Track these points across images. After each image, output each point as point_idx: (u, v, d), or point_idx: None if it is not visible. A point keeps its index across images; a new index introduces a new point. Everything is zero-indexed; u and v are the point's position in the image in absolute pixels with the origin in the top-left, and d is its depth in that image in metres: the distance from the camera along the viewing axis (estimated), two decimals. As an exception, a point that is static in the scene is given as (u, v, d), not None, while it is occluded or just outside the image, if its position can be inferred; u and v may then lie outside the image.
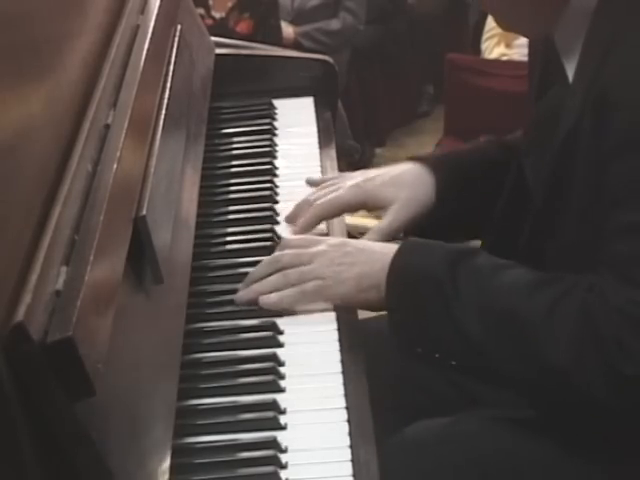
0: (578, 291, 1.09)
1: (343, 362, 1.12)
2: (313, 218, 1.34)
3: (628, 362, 1.03)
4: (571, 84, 1.17)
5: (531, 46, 1.37)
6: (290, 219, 1.38)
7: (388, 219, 1.34)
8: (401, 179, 1.37)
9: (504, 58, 3.75)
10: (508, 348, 1.11)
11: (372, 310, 1.23)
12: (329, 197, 1.35)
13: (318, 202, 1.35)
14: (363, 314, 1.24)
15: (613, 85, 1.08)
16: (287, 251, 1.23)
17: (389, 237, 1.34)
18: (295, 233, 1.34)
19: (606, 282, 1.07)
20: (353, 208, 1.38)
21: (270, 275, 1.22)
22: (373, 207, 1.38)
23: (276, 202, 1.44)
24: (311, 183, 1.46)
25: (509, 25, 1.28)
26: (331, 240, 1.25)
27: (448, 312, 1.13)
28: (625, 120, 1.06)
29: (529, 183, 1.26)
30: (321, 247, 1.22)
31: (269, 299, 1.19)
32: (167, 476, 0.91)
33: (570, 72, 1.19)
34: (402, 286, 1.17)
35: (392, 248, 1.19)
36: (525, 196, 1.26)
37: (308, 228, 1.34)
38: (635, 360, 1.03)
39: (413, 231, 1.35)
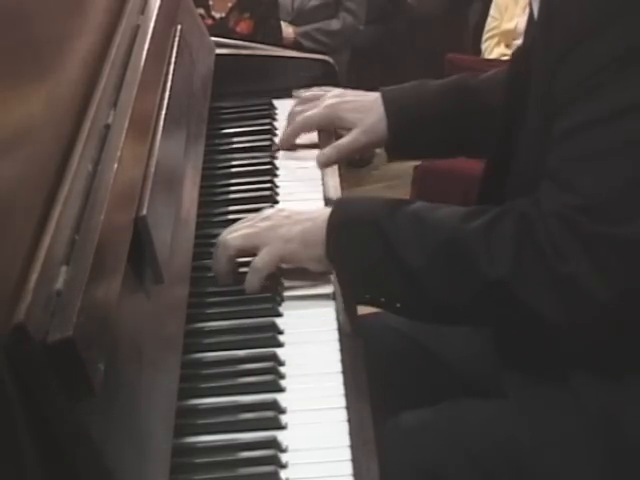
0: (515, 208, 1.12)
1: (343, 362, 1.12)
2: (290, 132, 1.56)
3: (563, 261, 1.06)
4: (536, 20, 1.20)
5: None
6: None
7: (348, 139, 1.49)
8: (368, 108, 1.49)
9: (504, 58, 3.75)
10: (451, 274, 1.13)
11: (323, 265, 1.23)
12: (305, 114, 1.53)
13: (296, 119, 1.54)
14: (362, 311, 1.25)
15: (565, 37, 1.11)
16: (231, 230, 1.26)
17: (345, 155, 1.51)
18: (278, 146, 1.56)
19: (541, 191, 1.11)
20: (323, 126, 1.54)
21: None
22: (339, 127, 1.53)
23: (276, 202, 1.44)
24: (297, 97, 1.65)
25: None
26: (269, 210, 1.30)
27: (388, 250, 1.15)
28: (564, 26, 1.10)
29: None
30: (261, 215, 1.26)
31: (246, 289, 1.22)
32: (167, 476, 0.91)
33: (535, 8, 1.21)
34: (342, 233, 1.20)
35: (329, 208, 1.23)
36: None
37: (289, 140, 1.56)
38: (570, 259, 1.05)
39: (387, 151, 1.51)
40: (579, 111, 1.09)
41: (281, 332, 1.17)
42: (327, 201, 1.42)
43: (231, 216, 1.40)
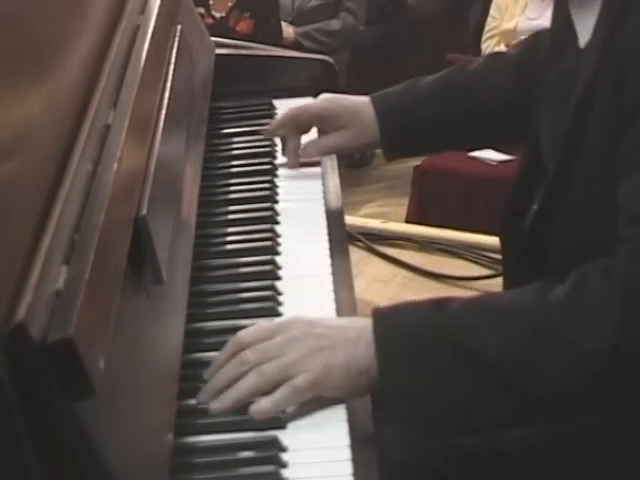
0: (597, 270, 1.01)
1: (343, 362, 1.12)
2: (285, 117, 1.53)
3: None
4: (584, 48, 1.17)
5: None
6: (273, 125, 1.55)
7: (335, 140, 1.51)
8: (361, 113, 1.50)
9: (504, 58, 3.75)
10: (546, 361, 0.98)
11: (357, 397, 1.05)
12: (302, 104, 1.53)
13: (290, 114, 1.53)
14: (362, 311, 1.24)
15: (632, 49, 1.06)
16: (250, 350, 1.04)
17: (325, 152, 1.52)
18: (268, 132, 1.56)
19: (633, 242, 1.01)
20: (318, 120, 1.53)
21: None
22: (333, 124, 1.51)
23: (276, 202, 1.44)
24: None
25: None
26: (294, 323, 1.07)
27: (460, 351, 0.99)
28: None
29: (543, 150, 1.27)
30: (287, 334, 1.04)
31: (262, 407, 1.01)
32: (167, 476, 0.91)
33: (581, 36, 1.18)
34: (397, 352, 1.01)
35: (365, 320, 1.05)
36: (540, 170, 1.26)
37: (279, 126, 1.54)
38: None
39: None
40: None
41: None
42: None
43: (231, 216, 1.40)
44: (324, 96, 1.55)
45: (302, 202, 1.43)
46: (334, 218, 1.41)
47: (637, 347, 0.97)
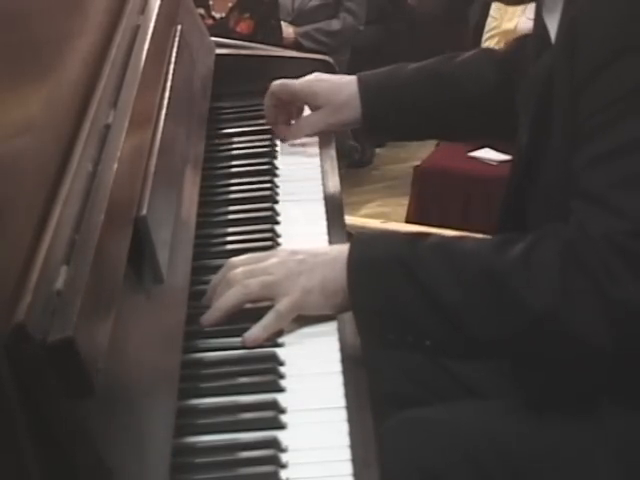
0: (554, 235, 1.09)
1: (343, 362, 1.12)
2: (268, 95, 1.57)
3: (617, 286, 1.04)
4: (554, 43, 1.20)
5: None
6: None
7: (316, 117, 1.54)
8: (339, 91, 1.52)
9: (504, 58, 3.75)
10: (490, 308, 1.09)
11: (343, 312, 1.17)
12: (282, 82, 1.55)
13: (271, 89, 1.56)
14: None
15: (581, 18, 1.11)
16: (239, 269, 1.18)
17: (306, 133, 1.57)
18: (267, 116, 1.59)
19: (584, 215, 1.08)
20: (297, 98, 1.56)
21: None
22: (312, 104, 1.55)
23: (276, 202, 1.44)
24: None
25: None
26: (280, 252, 1.23)
27: (418, 287, 1.11)
28: (592, 56, 1.10)
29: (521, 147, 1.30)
30: (273, 259, 1.18)
31: (251, 335, 1.13)
32: (167, 476, 0.91)
33: (552, 33, 1.21)
34: (365, 276, 1.15)
35: (344, 247, 1.18)
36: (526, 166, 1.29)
37: (267, 106, 1.58)
38: (623, 284, 1.03)
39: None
40: (614, 133, 1.08)
41: (281, 332, 1.17)
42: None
43: (231, 216, 1.40)
44: (308, 76, 1.56)
45: (302, 202, 1.43)
46: (334, 218, 1.41)
47: (568, 314, 1.05)
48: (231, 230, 1.37)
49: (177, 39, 1.40)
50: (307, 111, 1.60)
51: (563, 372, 1.16)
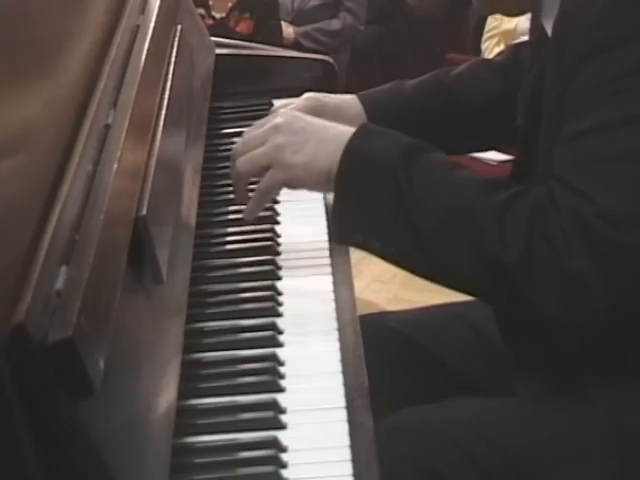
0: (530, 194, 1.12)
1: (343, 362, 1.12)
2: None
3: (572, 258, 1.06)
4: (550, 37, 1.21)
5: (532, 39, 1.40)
6: None
7: None
8: (345, 110, 1.49)
9: (504, 58, 3.75)
10: (458, 243, 1.12)
11: (322, 191, 1.28)
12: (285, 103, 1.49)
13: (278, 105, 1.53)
14: (362, 311, 1.24)
15: (571, 11, 1.13)
16: (240, 140, 1.29)
17: None
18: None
19: (554, 190, 1.11)
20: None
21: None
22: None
23: (276, 202, 1.44)
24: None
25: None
26: (284, 114, 1.27)
27: (400, 199, 1.14)
28: (582, 35, 1.11)
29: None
30: (272, 122, 1.25)
31: (246, 209, 1.29)
32: (167, 476, 0.91)
33: (548, 28, 1.22)
34: (355, 166, 1.18)
35: (344, 128, 1.22)
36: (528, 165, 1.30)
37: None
38: (580, 257, 1.06)
39: None
40: (591, 115, 1.10)
41: (281, 332, 1.17)
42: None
43: (231, 216, 1.40)
44: (307, 95, 1.53)
45: (302, 202, 1.43)
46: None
47: (524, 274, 1.08)
48: (231, 230, 1.38)
49: (177, 39, 1.40)
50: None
51: (542, 348, 1.18)
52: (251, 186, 1.33)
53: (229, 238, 1.36)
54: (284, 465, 0.97)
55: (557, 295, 1.07)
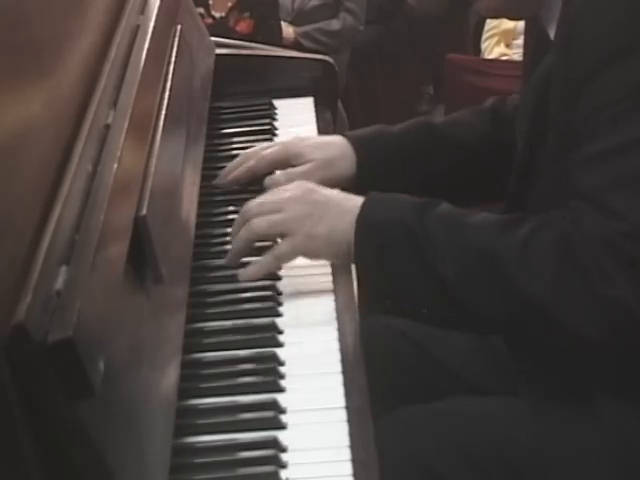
0: (552, 224, 1.11)
1: (343, 362, 1.12)
2: (243, 170, 1.44)
3: (608, 285, 1.05)
4: (553, 41, 1.20)
5: (526, 37, 1.39)
6: (224, 174, 1.45)
7: (301, 168, 1.41)
8: (327, 146, 1.44)
9: (504, 58, 3.75)
10: (485, 286, 1.11)
11: (343, 262, 1.23)
12: (260, 153, 1.44)
13: (249, 157, 1.44)
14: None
15: (577, 18, 1.11)
16: (254, 202, 1.25)
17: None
18: (227, 183, 1.45)
19: (582, 212, 1.09)
20: (279, 163, 1.44)
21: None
22: (294, 160, 1.43)
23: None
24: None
25: (496, 7, 1.29)
26: (299, 187, 1.25)
27: (420, 256, 1.14)
28: (590, 57, 1.10)
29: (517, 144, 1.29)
30: (288, 194, 1.23)
31: (247, 273, 1.21)
32: (167, 476, 0.91)
33: (551, 31, 1.22)
34: (371, 237, 1.18)
35: (358, 200, 1.20)
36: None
37: (238, 180, 1.44)
38: (615, 283, 1.04)
39: None
40: (612, 134, 1.08)
41: (281, 332, 1.17)
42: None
43: (231, 216, 1.40)
44: (286, 139, 1.49)
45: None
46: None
47: (558, 306, 1.07)
48: (231, 230, 1.37)
49: (177, 39, 1.40)
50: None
51: (557, 363, 1.17)
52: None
53: (229, 238, 1.36)
54: (284, 465, 0.97)
55: (595, 321, 1.06)
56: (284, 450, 0.99)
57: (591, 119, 1.10)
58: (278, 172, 1.42)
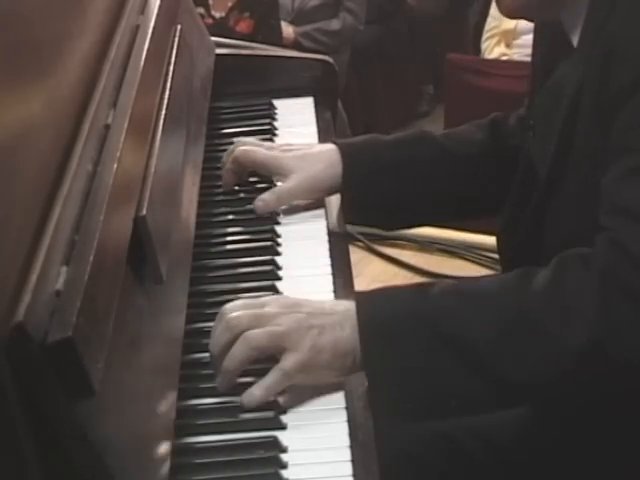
0: (578, 263, 1.02)
1: (343, 362, 1.12)
2: (226, 173, 1.42)
3: None
4: (577, 46, 1.16)
5: (536, 37, 1.36)
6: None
7: (288, 185, 1.38)
8: (313, 156, 1.39)
9: (504, 58, 3.76)
10: (523, 349, 1.00)
11: (346, 376, 1.07)
12: (246, 150, 1.40)
13: (234, 154, 1.40)
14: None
15: (619, 38, 1.06)
16: (241, 312, 1.05)
17: (286, 201, 1.39)
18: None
19: (623, 232, 1.00)
20: (259, 168, 1.42)
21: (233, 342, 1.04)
22: (277, 174, 1.40)
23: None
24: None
25: (517, 8, 1.22)
26: (281, 300, 1.10)
27: (441, 337, 1.01)
28: (632, 70, 1.04)
29: (533, 158, 1.24)
30: (275, 310, 1.06)
31: (252, 395, 1.03)
32: (167, 476, 0.91)
33: (572, 35, 1.18)
34: (379, 340, 1.04)
35: (350, 306, 1.06)
36: (533, 176, 1.23)
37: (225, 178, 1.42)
38: None
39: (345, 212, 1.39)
40: None
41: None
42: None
43: (231, 216, 1.40)
44: (273, 145, 1.46)
45: (302, 201, 1.43)
46: (334, 218, 1.41)
47: (616, 340, 0.97)
48: (231, 230, 1.38)
49: (177, 39, 1.40)
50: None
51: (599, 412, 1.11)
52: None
53: (229, 238, 1.36)
54: (284, 465, 0.97)
55: None
56: (284, 450, 0.99)
57: (630, 133, 1.05)
58: (266, 194, 1.38)
